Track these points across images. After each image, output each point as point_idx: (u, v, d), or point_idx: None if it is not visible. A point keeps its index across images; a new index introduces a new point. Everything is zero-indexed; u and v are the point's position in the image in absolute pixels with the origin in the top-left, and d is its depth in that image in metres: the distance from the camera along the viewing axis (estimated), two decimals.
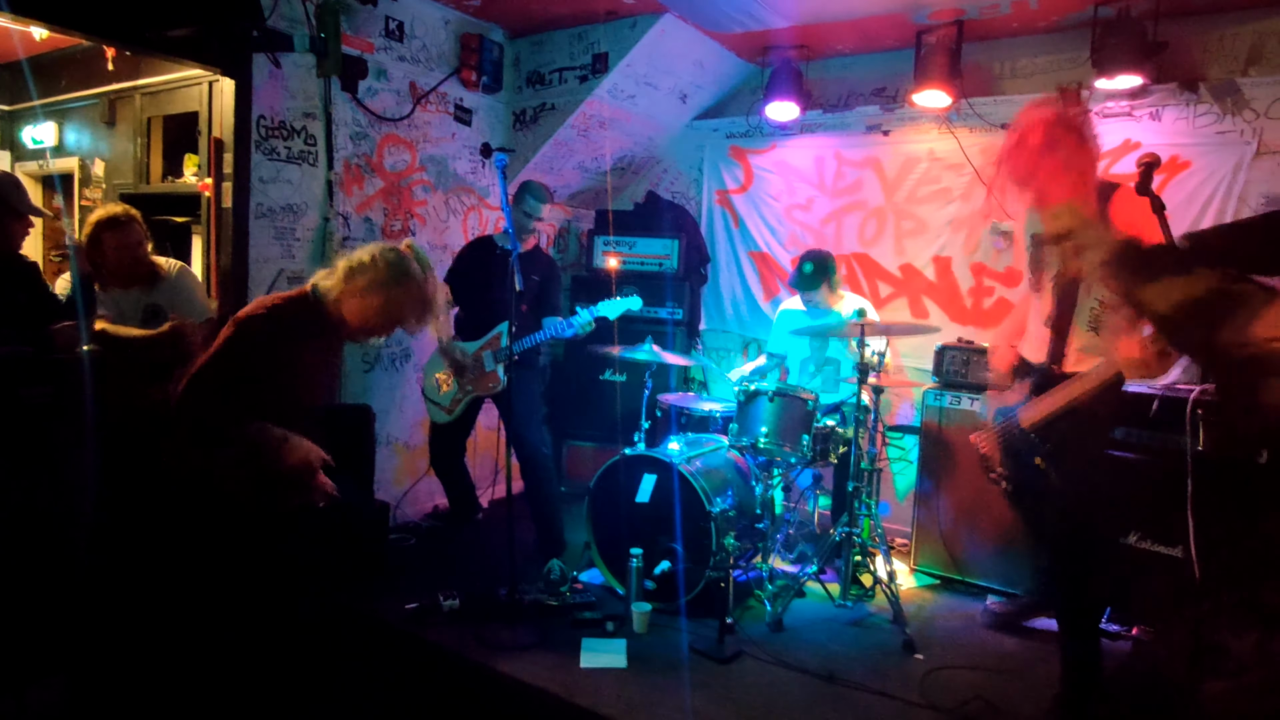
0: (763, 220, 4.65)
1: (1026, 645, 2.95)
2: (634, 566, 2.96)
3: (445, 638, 2.78)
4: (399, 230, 3.96)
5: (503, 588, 2.96)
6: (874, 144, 4.25)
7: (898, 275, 4.24)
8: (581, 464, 4.49)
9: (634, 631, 2.88)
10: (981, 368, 3.48)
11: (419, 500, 4.14)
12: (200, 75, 3.61)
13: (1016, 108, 3.81)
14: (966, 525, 3.41)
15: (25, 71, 4.79)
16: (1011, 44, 3.91)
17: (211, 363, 2.17)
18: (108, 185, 4.45)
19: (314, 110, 3.48)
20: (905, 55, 3.93)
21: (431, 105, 4.02)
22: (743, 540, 3.08)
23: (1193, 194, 3.44)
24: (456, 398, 3.50)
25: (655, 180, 5.04)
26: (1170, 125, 3.52)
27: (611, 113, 4.32)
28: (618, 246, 4.62)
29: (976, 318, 4.03)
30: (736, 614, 3.02)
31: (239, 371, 2.17)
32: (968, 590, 3.41)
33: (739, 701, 2.48)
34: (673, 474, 3.05)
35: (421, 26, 3.89)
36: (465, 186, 4.30)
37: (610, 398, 4.24)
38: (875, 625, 3.07)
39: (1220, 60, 3.46)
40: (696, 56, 4.27)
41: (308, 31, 3.28)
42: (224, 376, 2.16)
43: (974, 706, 2.47)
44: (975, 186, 3.97)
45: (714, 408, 3.64)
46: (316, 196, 3.53)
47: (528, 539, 3.43)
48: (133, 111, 4.23)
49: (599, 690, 2.49)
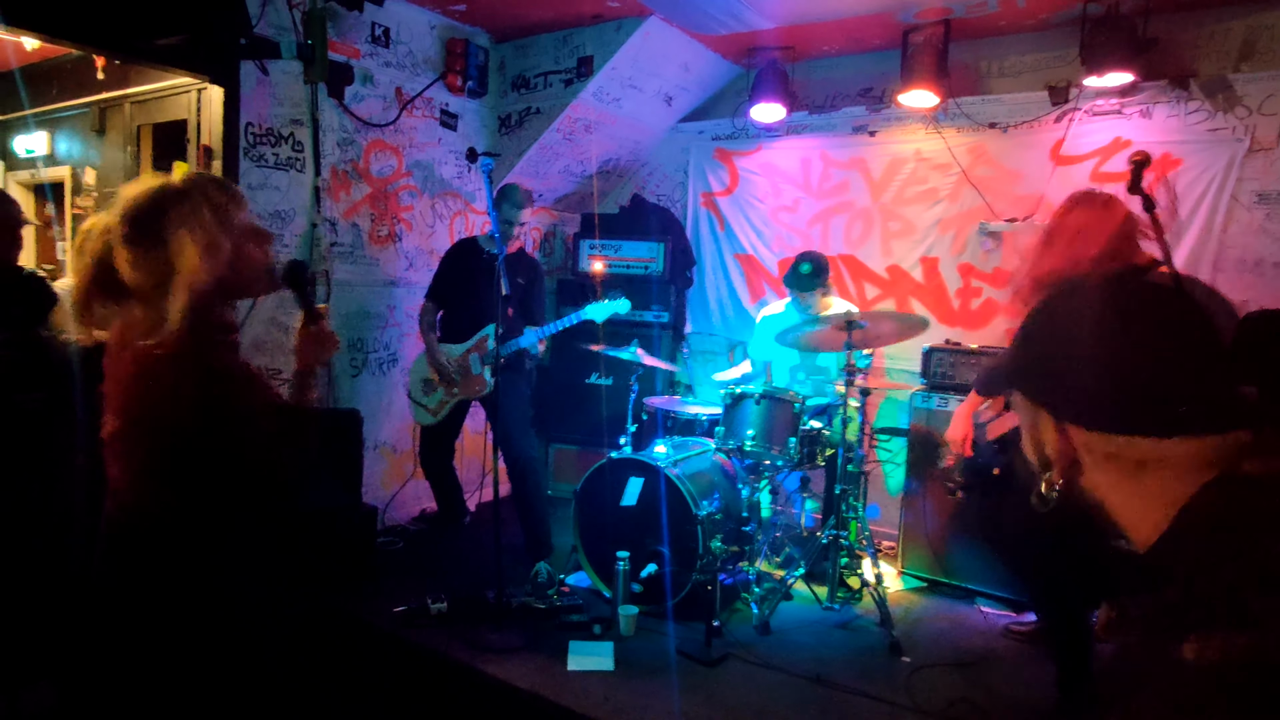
0: (748, 222, 4.65)
1: (1013, 647, 2.95)
2: (621, 569, 2.96)
3: (433, 640, 2.79)
4: (385, 236, 3.97)
5: (490, 591, 2.96)
6: (860, 145, 4.25)
7: (885, 277, 4.24)
8: (568, 467, 4.50)
9: (621, 634, 2.88)
10: (968, 369, 3.48)
11: (406, 504, 4.14)
12: (189, 83, 3.62)
13: (1005, 107, 3.84)
14: (954, 528, 3.41)
15: (17, 81, 4.81)
16: (999, 42, 3.91)
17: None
18: (99, 193, 4.47)
19: (301, 117, 3.49)
20: (892, 55, 3.93)
21: (417, 110, 4.03)
22: (729, 543, 3.08)
23: (1184, 192, 3.43)
24: (443, 400, 3.51)
25: (641, 183, 5.05)
26: (1161, 123, 3.50)
27: (597, 116, 4.33)
28: (603, 250, 4.63)
29: (964, 319, 4.03)
30: (723, 617, 3.02)
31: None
32: (954, 593, 3.41)
33: (726, 704, 2.48)
34: (659, 477, 3.05)
35: (407, 32, 3.90)
36: (451, 191, 4.31)
37: (596, 401, 4.25)
38: (862, 628, 3.07)
39: (1211, 56, 3.43)
40: (682, 59, 4.28)
41: (295, 38, 3.29)
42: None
43: (961, 708, 2.47)
44: (963, 187, 3.97)
45: (700, 411, 3.64)
46: (304, 202, 3.54)
47: (515, 542, 3.43)
48: (122, 120, 4.25)
49: (586, 693, 2.50)
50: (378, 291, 3.97)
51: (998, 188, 3.87)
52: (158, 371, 1.44)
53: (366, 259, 3.88)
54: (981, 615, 3.23)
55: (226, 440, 1.51)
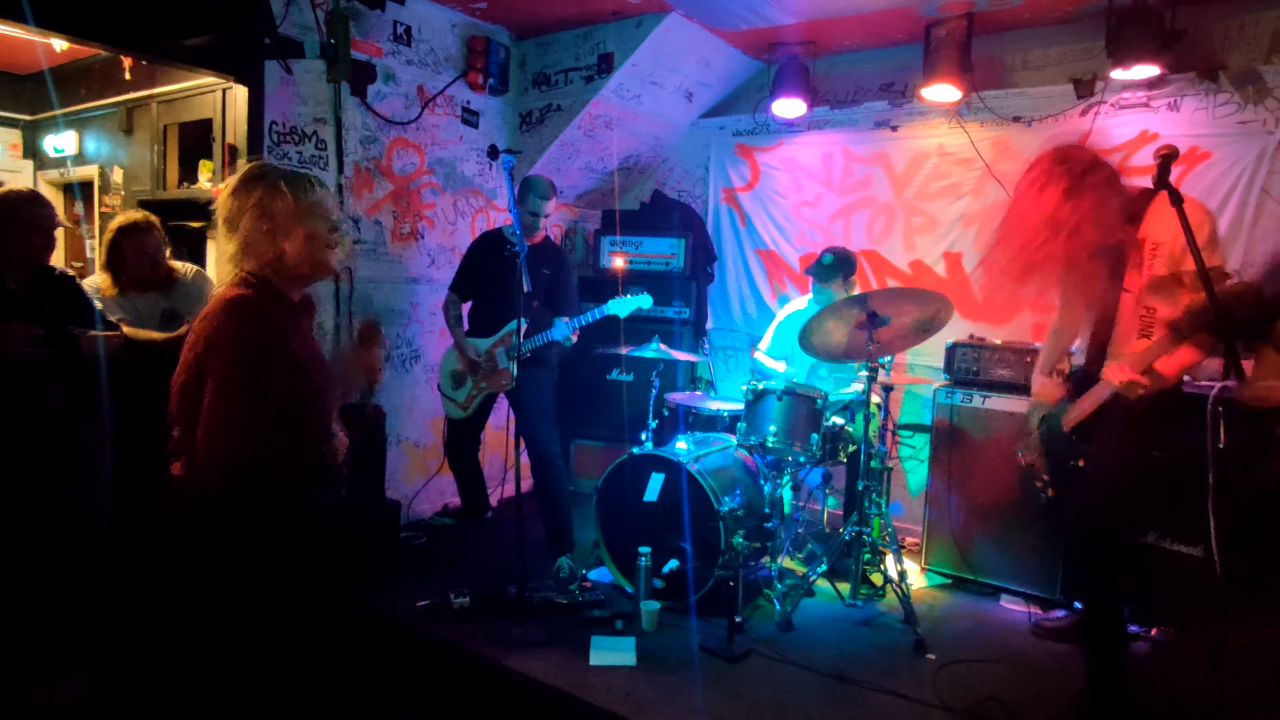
0: (770, 218, 4.63)
1: (1040, 646, 2.92)
2: (642, 565, 2.97)
3: (455, 635, 2.81)
4: (408, 233, 4.00)
5: (512, 585, 2.97)
6: (882, 140, 4.22)
7: (908, 272, 4.21)
8: (589, 463, 4.51)
9: (643, 630, 2.89)
10: (993, 364, 3.44)
11: (429, 499, 4.17)
12: (214, 83, 3.67)
13: (1029, 100, 3.80)
14: (978, 524, 3.37)
15: (47, 82, 4.90)
16: (1023, 35, 3.85)
17: (223, 401, 1.71)
18: (126, 192, 4.54)
19: (324, 115, 3.53)
20: (914, 49, 3.89)
21: (439, 108, 4.05)
22: (751, 539, 3.07)
23: (1213, 185, 3.37)
24: (471, 394, 3.53)
25: (661, 179, 5.05)
26: (1189, 115, 3.45)
27: (617, 112, 4.33)
28: (624, 246, 4.63)
29: (989, 314, 3.98)
30: (745, 613, 3.01)
31: (258, 396, 1.73)
32: (979, 590, 3.38)
33: (749, 700, 2.47)
34: (681, 473, 3.05)
35: (428, 30, 3.92)
36: (473, 188, 4.33)
37: (617, 397, 4.25)
38: (886, 625, 3.05)
39: (1241, 48, 3.37)
40: (702, 54, 4.26)
41: (318, 38, 3.33)
42: (245, 410, 1.71)
43: (988, 707, 2.44)
44: (986, 181, 3.93)
45: (722, 406, 3.64)
46: None
47: (537, 537, 3.44)
48: (149, 119, 4.31)
49: (608, 688, 2.50)
50: (400, 289, 4.00)
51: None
52: (214, 310, 1.76)
53: (389, 256, 3.91)
54: (1007, 612, 3.20)
55: (270, 388, 1.72)
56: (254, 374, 1.72)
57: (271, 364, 1.74)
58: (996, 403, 3.35)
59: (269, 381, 1.73)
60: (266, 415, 1.72)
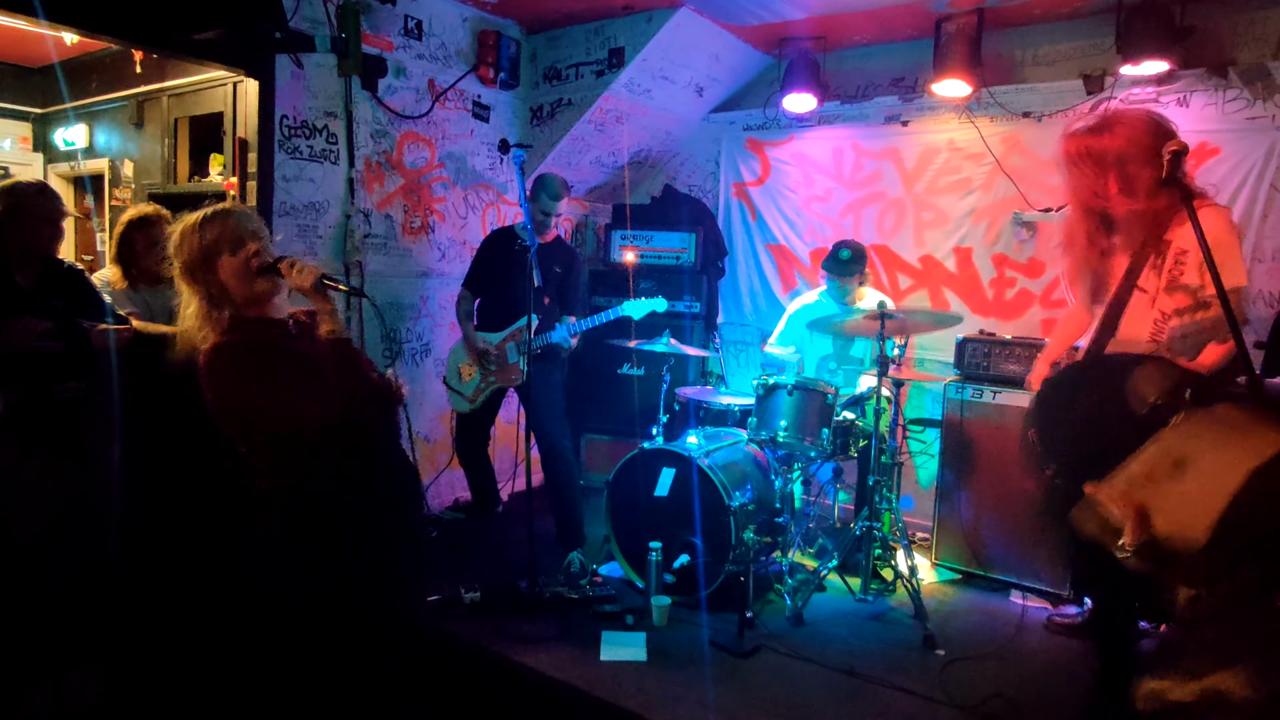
0: (780, 213, 4.62)
1: (1050, 642, 2.92)
2: (653, 560, 2.97)
3: (466, 630, 2.82)
4: (419, 227, 4.00)
5: (523, 580, 2.99)
6: (893, 135, 4.21)
7: (918, 267, 4.20)
8: (600, 457, 4.51)
9: (654, 625, 2.89)
10: (1003, 359, 3.44)
11: (440, 493, 4.18)
12: (225, 77, 3.67)
13: (1039, 96, 3.79)
14: (989, 519, 3.38)
15: (58, 75, 4.91)
16: (1033, 30, 3.85)
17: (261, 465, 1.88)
18: (136, 185, 4.55)
19: (335, 109, 3.53)
20: (924, 45, 3.88)
21: (450, 102, 4.05)
22: (762, 534, 3.08)
23: (1222, 181, 3.36)
24: (479, 388, 3.54)
25: (672, 174, 5.04)
26: (1199, 111, 3.44)
27: (628, 107, 4.32)
28: (635, 240, 4.62)
29: (998, 309, 3.98)
30: (756, 608, 3.02)
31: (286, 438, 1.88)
32: (990, 585, 3.38)
33: (759, 695, 2.48)
34: (691, 468, 3.05)
35: (439, 24, 3.92)
36: (484, 183, 4.33)
37: (628, 391, 4.25)
38: (896, 620, 3.05)
39: (1250, 44, 3.37)
40: (712, 49, 4.25)
41: (329, 32, 3.32)
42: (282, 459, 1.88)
43: (996, 704, 2.44)
44: (996, 177, 3.92)
45: (732, 401, 3.64)
46: (338, 194, 3.58)
47: (547, 532, 3.45)
48: (160, 113, 4.32)
49: (619, 683, 2.51)
50: (411, 283, 4.00)
51: (1032, 177, 3.81)
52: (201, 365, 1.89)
53: (399, 250, 3.91)
54: (1018, 608, 3.20)
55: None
56: (263, 420, 1.86)
57: (273, 393, 1.87)
58: (1007, 398, 3.34)
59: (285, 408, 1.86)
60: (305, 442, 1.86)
